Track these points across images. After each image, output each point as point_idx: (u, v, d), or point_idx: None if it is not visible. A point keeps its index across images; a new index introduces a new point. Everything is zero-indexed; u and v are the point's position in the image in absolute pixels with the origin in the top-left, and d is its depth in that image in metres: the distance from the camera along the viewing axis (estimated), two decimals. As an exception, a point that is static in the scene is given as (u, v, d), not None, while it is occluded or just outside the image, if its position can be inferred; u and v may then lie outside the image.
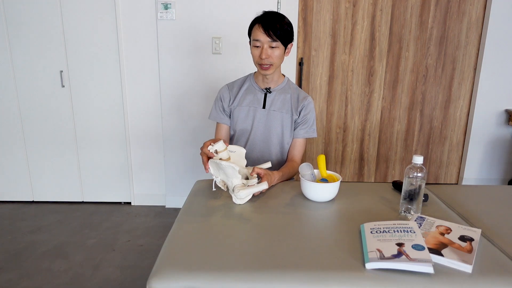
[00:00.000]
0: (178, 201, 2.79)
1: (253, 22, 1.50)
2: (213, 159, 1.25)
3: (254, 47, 1.49)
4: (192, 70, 2.61)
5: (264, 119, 1.61)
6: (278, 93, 1.62)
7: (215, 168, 1.27)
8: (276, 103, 1.61)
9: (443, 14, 2.82)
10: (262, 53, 1.47)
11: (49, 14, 2.48)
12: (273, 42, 1.46)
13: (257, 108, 1.61)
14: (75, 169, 2.78)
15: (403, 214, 1.18)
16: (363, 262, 0.91)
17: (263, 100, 1.61)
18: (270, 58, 1.48)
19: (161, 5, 2.47)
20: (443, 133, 3.07)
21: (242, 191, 1.21)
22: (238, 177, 1.25)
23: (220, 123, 1.67)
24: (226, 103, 1.64)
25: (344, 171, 3.12)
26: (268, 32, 1.44)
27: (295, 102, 1.62)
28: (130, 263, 2.08)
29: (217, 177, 1.29)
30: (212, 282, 0.87)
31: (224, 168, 1.22)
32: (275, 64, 1.52)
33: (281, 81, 1.64)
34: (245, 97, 1.62)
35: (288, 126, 1.62)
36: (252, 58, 1.53)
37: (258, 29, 1.46)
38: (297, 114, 1.61)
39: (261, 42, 1.47)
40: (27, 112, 2.66)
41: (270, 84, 1.61)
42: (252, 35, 1.50)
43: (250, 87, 1.64)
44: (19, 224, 2.51)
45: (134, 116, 2.71)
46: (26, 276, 1.95)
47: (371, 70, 2.91)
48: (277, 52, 1.49)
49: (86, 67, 2.59)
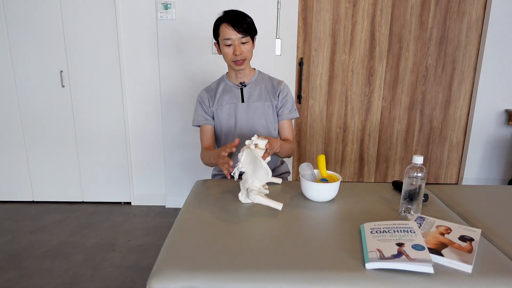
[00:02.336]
0: (178, 201, 2.79)
1: (219, 22, 1.54)
2: (252, 150, 1.21)
3: (226, 46, 1.54)
4: (192, 70, 2.61)
5: (246, 112, 1.66)
6: (253, 85, 1.68)
7: (248, 159, 1.24)
8: (253, 95, 1.66)
9: (443, 14, 2.82)
10: (236, 50, 1.52)
11: (49, 14, 2.48)
12: (243, 37, 1.52)
13: (237, 103, 1.66)
14: (75, 169, 2.78)
15: (403, 214, 1.18)
16: (363, 262, 0.91)
17: (240, 94, 1.66)
18: (243, 53, 1.54)
19: (161, 5, 2.47)
20: (443, 133, 3.07)
21: (258, 196, 1.18)
22: (262, 182, 1.24)
23: (204, 125, 1.70)
24: (207, 106, 1.68)
25: (344, 171, 3.12)
26: (237, 29, 1.50)
27: (271, 89, 1.68)
28: (130, 263, 2.08)
29: (243, 167, 1.24)
30: (212, 282, 0.87)
31: (259, 167, 1.20)
32: (248, 58, 1.59)
33: (253, 74, 1.69)
34: (223, 97, 1.67)
35: (270, 114, 1.67)
36: (224, 56, 1.58)
37: (227, 28, 1.51)
38: (276, 99, 1.67)
39: (232, 40, 1.52)
40: (27, 112, 2.66)
41: (243, 78, 1.67)
42: (221, 35, 1.54)
43: (226, 86, 1.68)
44: (19, 224, 2.51)
45: (134, 116, 2.71)
46: (26, 276, 1.95)
47: (371, 70, 2.91)
48: (248, 46, 1.56)
49: (86, 67, 2.59)
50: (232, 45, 1.53)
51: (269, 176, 1.20)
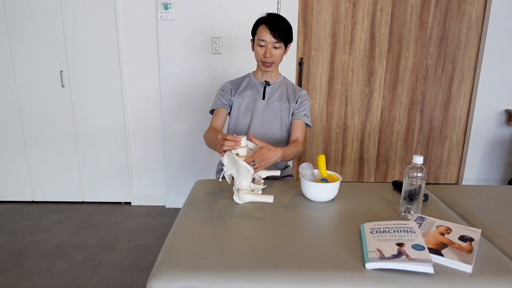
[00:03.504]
0: (178, 201, 2.79)
1: (258, 22, 1.60)
2: (231, 153, 1.24)
3: (259, 46, 1.59)
4: (192, 70, 2.61)
5: (263, 110, 1.68)
6: (276, 86, 1.72)
7: (230, 162, 1.26)
8: (274, 95, 1.70)
9: (443, 14, 2.82)
10: (267, 52, 1.57)
11: (49, 14, 2.48)
12: (276, 42, 1.57)
13: (257, 99, 1.69)
14: (75, 169, 2.78)
15: (403, 214, 1.18)
16: (363, 262, 0.91)
17: (262, 92, 1.70)
18: (273, 57, 1.59)
19: (161, 5, 2.47)
20: (443, 133, 3.07)
21: (247, 195, 1.21)
22: (249, 179, 1.26)
23: (219, 108, 1.70)
24: (228, 94, 1.71)
25: (344, 171, 3.12)
26: (273, 33, 1.55)
27: (292, 93, 1.72)
28: (130, 263, 2.08)
29: (228, 170, 1.27)
30: (212, 282, 0.87)
31: (240, 166, 1.22)
32: (276, 63, 1.63)
33: (278, 77, 1.74)
34: (245, 91, 1.71)
35: (286, 116, 1.69)
36: (255, 55, 1.63)
37: (264, 29, 1.56)
38: (295, 102, 1.70)
39: (266, 42, 1.57)
40: (27, 112, 2.66)
41: (268, 78, 1.71)
42: (257, 35, 1.59)
43: (250, 83, 1.73)
44: (19, 224, 2.51)
45: (134, 116, 2.71)
46: (26, 276, 1.95)
47: (371, 70, 2.91)
48: (279, 52, 1.60)
49: (86, 67, 2.59)
50: (265, 47, 1.57)
51: (251, 172, 1.22)
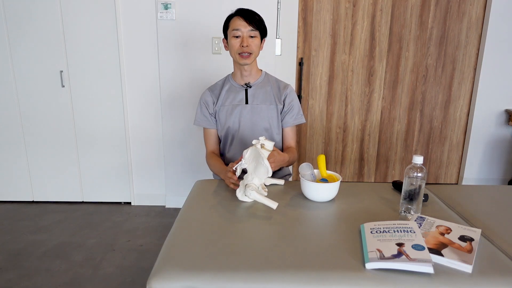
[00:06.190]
0: (178, 201, 2.79)
1: (230, 17, 1.58)
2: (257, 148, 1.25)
3: (234, 37, 1.55)
4: (192, 70, 2.61)
5: (250, 115, 1.65)
6: (258, 87, 1.66)
7: (252, 156, 1.27)
8: (258, 97, 1.65)
9: (443, 14, 2.82)
10: (243, 41, 1.53)
11: (49, 14, 2.48)
12: (252, 31, 1.53)
13: (240, 105, 1.64)
14: (75, 169, 2.78)
15: (403, 214, 1.18)
16: (363, 262, 0.91)
17: (245, 96, 1.65)
18: (250, 46, 1.54)
19: (161, 5, 2.47)
20: (443, 133, 3.07)
21: (254, 192, 1.20)
22: (262, 180, 1.25)
23: (207, 128, 1.71)
24: (211, 107, 1.67)
25: (344, 171, 3.12)
26: (248, 20, 1.52)
27: (277, 93, 1.67)
28: (130, 263, 2.08)
29: (246, 163, 1.28)
30: (212, 282, 0.87)
31: (260, 164, 1.22)
32: (254, 53, 1.57)
33: (259, 76, 1.69)
34: (227, 97, 1.66)
35: (274, 118, 1.66)
36: (231, 49, 1.58)
37: (237, 19, 1.54)
38: (282, 104, 1.66)
39: (241, 31, 1.53)
40: (27, 112, 2.66)
41: (248, 78, 1.65)
42: (230, 27, 1.56)
43: (231, 87, 1.68)
44: (19, 224, 2.51)
45: (134, 116, 2.71)
46: (26, 276, 1.95)
47: (371, 70, 2.91)
48: (256, 41, 1.56)
49: (86, 67, 2.59)
50: (240, 37, 1.54)
51: (269, 174, 1.22)
